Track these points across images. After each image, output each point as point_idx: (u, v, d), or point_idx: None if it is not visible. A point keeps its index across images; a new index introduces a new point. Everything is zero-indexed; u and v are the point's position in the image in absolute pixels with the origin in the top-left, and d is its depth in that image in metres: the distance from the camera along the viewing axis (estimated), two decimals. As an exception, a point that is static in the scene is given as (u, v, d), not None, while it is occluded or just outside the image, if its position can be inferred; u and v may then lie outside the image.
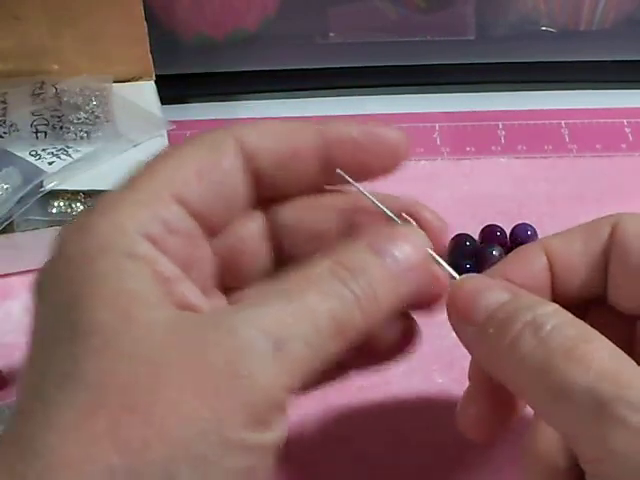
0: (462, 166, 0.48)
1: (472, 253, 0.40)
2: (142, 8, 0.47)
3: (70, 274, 0.20)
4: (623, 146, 0.49)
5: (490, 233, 0.42)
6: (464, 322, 0.24)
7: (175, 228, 0.21)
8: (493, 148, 0.49)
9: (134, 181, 0.22)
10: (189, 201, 0.22)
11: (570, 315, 0.22)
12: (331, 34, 0.55)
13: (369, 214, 0.25)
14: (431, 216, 0.26)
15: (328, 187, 0.26)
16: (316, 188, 0.25)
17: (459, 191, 0.46)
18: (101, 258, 0.20)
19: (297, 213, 0.25)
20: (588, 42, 0.54)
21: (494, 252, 0.40)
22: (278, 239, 0.26)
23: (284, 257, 0.26)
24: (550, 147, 0.49)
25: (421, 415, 0.34)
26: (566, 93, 0.54)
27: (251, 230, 0.25)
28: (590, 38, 0.54)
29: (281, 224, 0.25)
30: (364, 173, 0.25)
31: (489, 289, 0.24)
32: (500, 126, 0.51)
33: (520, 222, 0.42)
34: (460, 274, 0.37)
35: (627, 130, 0.50)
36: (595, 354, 0.20)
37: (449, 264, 0.25)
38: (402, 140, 0.26)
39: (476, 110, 0.52)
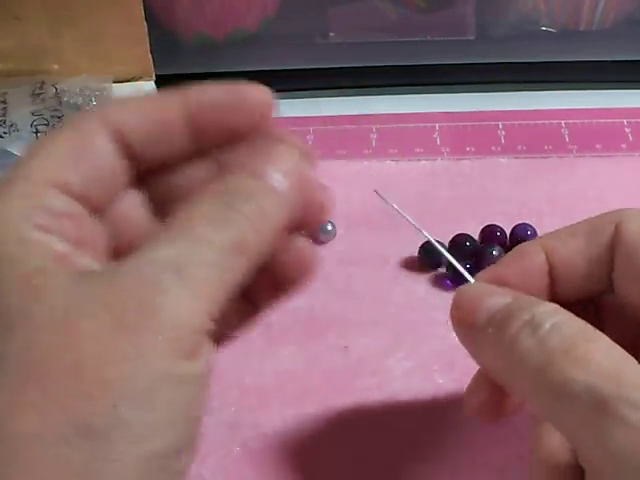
0: (462, 166, 0.48)
1: (472, 253, 0.40)
2: (142, 8, 0.48)
3: None
4: (623, 146, 0.49)
5: (490, 233, 0.42)
6: (467, 326, 0.24)
7: (59, 213, 0.22)
8: (493, 148, 0.49)
9: (13, 174, 0.22)
10: (68, 185, 0.22)
11: (569, 314, 0.22)
12: (331, 34, 0.55)
13: (239, 156, 0.25)
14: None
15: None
16: (192, 155, 0.26)
17: (459, 191, 0.46)
18: None
19: (171, 180, 0.26)
20: (588, 42, 0.54)
21: (494, 252, 0.40)
22: (160, 208, 0.26)
23: None
24: (550, 147, 0.49)
25: (421, 415, 0.34)
26: (566, 93, 0.54)
27: (131, 204, 0.25)
28: (590, 38, 0.54)
29: (160, 192, 0.26)
30: (233, 134, 0.25)
31: (491, 294, 0.24)
32: (500, 126, 0.51)
33: (520, 222, 0.42)
34: (460, 274, 0.37)
35: (627, 130, 0.50)
36: (595, 353, 0.20)
37: (449, 264, 0.25)
38: (266, 95, 0.27)
39: (476, 110, 0.52)
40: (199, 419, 0.21)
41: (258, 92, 0.27)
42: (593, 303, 0.27)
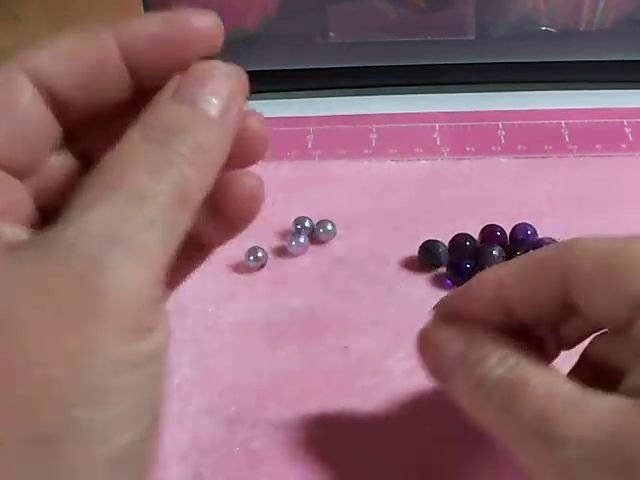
0: (462, 166, 0.48)
1: (472, 253, 0.40)
2: (142, 8, 0.48)
3: None
4: (623, 146, 0.49)
5: (490, 233, 0.42)
6: (434, 372, 0.27)
7: None
8: (493, 148, 0.49)
9: None
10: (52, 83, 0.20)
11: (512, 361, 0.23)
12: (331, 34, 0.55)
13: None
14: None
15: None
16: (129, 103, 0.22)
17: (459, 191, 0.46)
18: None
19: (109, 133, 0.22)
20: (588, 42, 0.54)
21: (494, 252, 0.40)
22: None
23: None
24: (550, 147, 0.49)
25: (421, 415, 0.34)
26: (566, 93, 0.54)
27: (63, 164, 0.23)
28: (590, 38, 0.54)
29: (97, 148, 0.22)
30: (175, 66, 0.22)
31: (446, 342, 0.26)
32: (500, 126, 0.51)
33: (520, 222, 0.42)
34: (460, 274, 0.37)
35: (627, 130, 0.50)
36: (530, 393, 0.22)
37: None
38: (213, 22, 0.23)
39: (476, 110, 0.52)
40: (161, 398, 0.19)
41: (205, 19, 0.22)
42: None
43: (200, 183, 0.20)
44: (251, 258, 0.41)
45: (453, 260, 0.40)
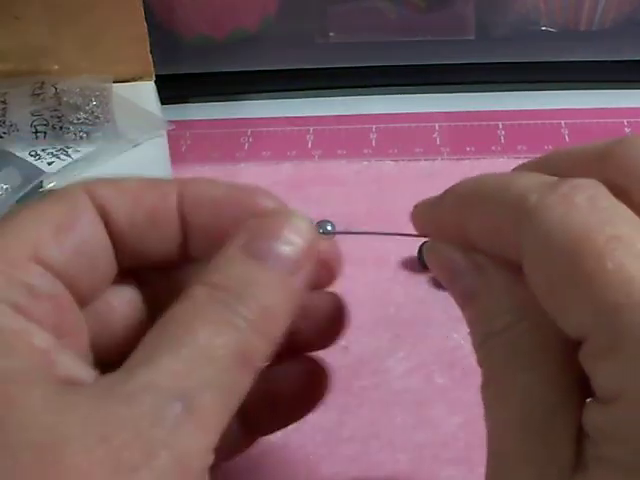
0: (462, 166, 0.48)
1: (472, 253, 0.40)
2: (142, 8, 0.47)
3: None
4: (623, 146, 0.49)
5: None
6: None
7: (40, 292, 0.19)
8: (493, 148, 0.49)
9: None
10: (50, 261, 0.20)
11: (518, 330, 0.20)
12: (331, 34, 0.55)
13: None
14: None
15: None
16: (182, 252, 0.23)
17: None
18: None
19: (168, 276, 0.23)
20: (588, 42, 0.54)
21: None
22: (151, 305, 0.23)
23: None
24: (550, 147, 0.49)
25: (421, 415, 0.34)
26: (566, 93, 0.54)
27: (121, 299, 0.23)
28: (590, 38, 0.54)
29: (155, 290, 0.23)
30: (223, 237, 0.21)
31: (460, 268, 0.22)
32: (500, 126, 0.51)
33: (520, 222, 0.42)
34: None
35: (627, 130, 0.50)
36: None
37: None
38: (277, 207, 0.22)
39: (476, 110, 0.52)
40: None
41: (269, 202, 0.22)
42: None
43: (262, 347, 0.19)
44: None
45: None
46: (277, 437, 0.33)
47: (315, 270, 0.21)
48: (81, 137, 0.45)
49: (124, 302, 0.23)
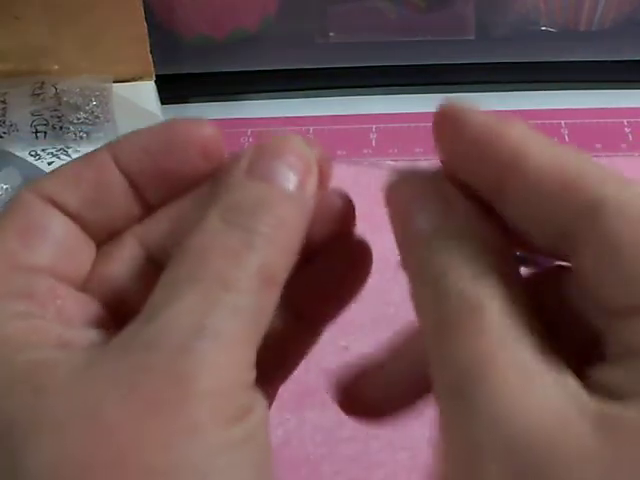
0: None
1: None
2: (142, 8, 0.47)
3: None
4: (623, 146, 0.49)
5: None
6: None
7: (24, 292, 0.20)
8: (493, 148, 0.49)
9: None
10: (66, 203, 0.21)
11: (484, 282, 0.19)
12: (331, 34, 0.55)
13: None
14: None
15: None
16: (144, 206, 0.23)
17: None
18: None
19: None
20: (588, 42, 0.55)
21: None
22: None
23: None
24: (550, 147, 0.49)
25: (421, 414, 0.34)
26: (566, 93, 0.54)
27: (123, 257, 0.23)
28: (590, 38, 0.54)
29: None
30: (180, 181, 0.22)
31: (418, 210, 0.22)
32: (500, 126, 0.51)
33: (520, 222, 0.42)
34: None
35: (627, 130, 0.50)
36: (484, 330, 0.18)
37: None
38: (210, 132, 0.22)
39: (476, 110, 0.52)
40: (267, 475, 0.19)
41: (189, 127, 0.22)
42: None
43: (283, 262, 0.20)
44: None
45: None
46: (277, 437, 0.33)
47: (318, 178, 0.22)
48: (81, 137, 0.45)
49: (127, 260, 0.22)
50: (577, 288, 0.20)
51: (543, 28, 0.54)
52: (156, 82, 0.50)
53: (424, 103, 0.54)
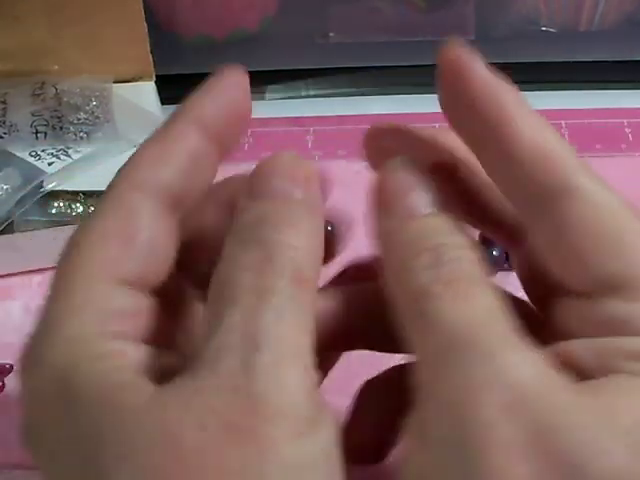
0: (462, 166, 0.48)
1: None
2: (142, 8, 0.47)
3: (58, 420, 0.19)
4: (623, 146, 0.49)
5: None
6: (382, 212, 0.23)
7: (129, 313, 0.20)
8: (493, 148, 0.49)
9: (68, 274, 0.20)
10: (126, 275, 0.20)
11: (477, 257, 0.20)
12: (331, 34, 0.55)
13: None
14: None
15: None
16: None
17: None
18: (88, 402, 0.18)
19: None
20: (588, 42, 0.54)
21: (494, 252, 0.40)
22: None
23: None
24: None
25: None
26: (566, 93, 0.54)
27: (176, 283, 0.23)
28: (590, 38, 0.54)
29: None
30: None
31: (413, 191, 0.22)
32: (500, 126, 0.51)
33: (520, 222, 0.42)
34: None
35: (627, 130, 0.50)
36: (474, 298, 0.19)
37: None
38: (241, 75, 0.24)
39: (476, 110, 0.52)
40: None
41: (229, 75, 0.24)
42: None
43: (307, 258, 0.20)
44: None
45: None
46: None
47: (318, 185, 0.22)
48: (81, 137, 0.45)
49: (180, 285, 0.23)
50: (527, 267, 0.22)
51: (543, 28, 0.54)
52: (156, 82, 0.50)
53: (424, 103, 0.54)
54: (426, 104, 0.53)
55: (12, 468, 0.35)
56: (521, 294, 0.24)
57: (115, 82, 0.49)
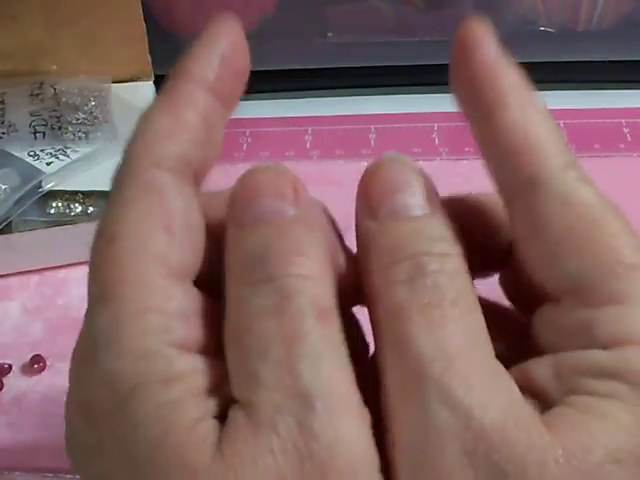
0: (461, 166, 0.48)
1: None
2: (140, 8, 0.47)
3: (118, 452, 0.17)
4: (621, 146, 0.49)
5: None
6: (365, 210, 0.21)
7: (191, 312, 0.19)
8: (492, 148, 0.49)
9: (116, 280, 0.18)
10: (176, 266, 0.19)
11: (462, 268, 0.19)
12: (329, 34, 0.55)
13: None
14: None
15: None
16: None
17: (458, 191, 0.46)
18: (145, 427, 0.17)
19: None
20: (586, 42, 0.55)
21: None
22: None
23: None
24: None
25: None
26: (564, 93, 0.54)
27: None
28: (588, 38, 0.54)
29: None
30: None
31: (402, 190, 0.21)
32: (499, 126, 0.51)
33: (519, 222, 0.42)
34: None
35: (625, 130, 0.50)
36: (448, 327, 0.18)
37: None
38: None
39: (475, 110, 0.52)
40: None
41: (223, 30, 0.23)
42: None
43: (326, 285, 0.18)
44: None
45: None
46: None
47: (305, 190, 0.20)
48: (80, 137, 0.45)
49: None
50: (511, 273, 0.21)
51: (541, 28, 0.54)
52: (155, 82, 0.50)
53: (422, 103, 0.54)
54: (425, 104, 0.54)
55: (11, 469, 0.35)
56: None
57: (113, 82, 0.49)
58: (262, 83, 0.56)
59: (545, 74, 0.55)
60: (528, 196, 0.19)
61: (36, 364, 0.39)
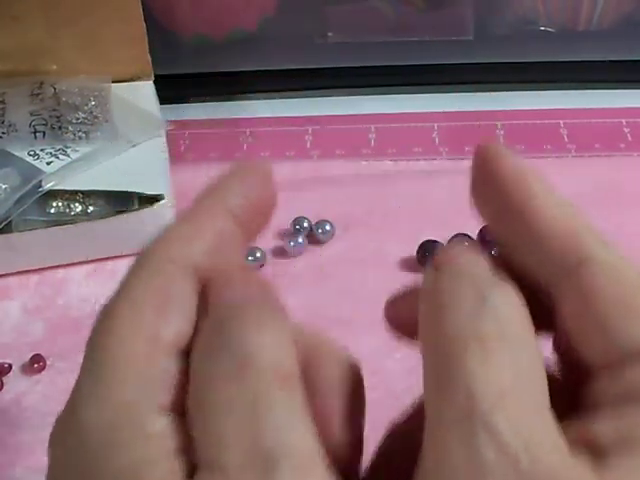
0: (461, 166, 0.48)
1: (471, 253, 0.40)
2: (141, 8, 0.47)
3: None
4: (622, 146, 0.49)
5: (489, 233, 0.42)
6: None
7: (169, 376, 0.20)
8: (492, 148, 0.49)
9: (105, 345, 0.20)
10: (164, 336, 0.20)
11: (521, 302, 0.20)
12: (329, 34, 0.55)
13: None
14: None
15: None
16: None
17: (458, 191, 0.46)
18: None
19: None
20: (586, 42, 0.55)
21: (493, 252, 0.40)
22: None
23: None
24: (549, 147, 0.49)
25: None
26: (564, 93, 0.54)
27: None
28: (588, 38, 0.54)
29: None
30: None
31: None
32: (499, 126, 0.51)
33: (519, 222, 0.42)
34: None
35: (626, 130, 0.50)
36: (506, 364, 0.18)
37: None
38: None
39: (475, 110, 0.52)
40: None
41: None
42: None
43: (285, 352, 0.20)
44: (250, 258, 0.41)
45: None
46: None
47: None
48: (80, 137, 0.45)
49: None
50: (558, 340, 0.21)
51: (542, 28, 0.54)
52: (155, 82, 0.50)
53: (422, 103, 0.54)
54: (425, 104, 0.54)
55: (11, 468, 0.35)
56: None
57: (114, 82, 0.49)
58: (262, 83, 0.56)
59: (545, 74, 0.55)
60: (579, 273, 0.20)
61: (36, 364, 0.39)
